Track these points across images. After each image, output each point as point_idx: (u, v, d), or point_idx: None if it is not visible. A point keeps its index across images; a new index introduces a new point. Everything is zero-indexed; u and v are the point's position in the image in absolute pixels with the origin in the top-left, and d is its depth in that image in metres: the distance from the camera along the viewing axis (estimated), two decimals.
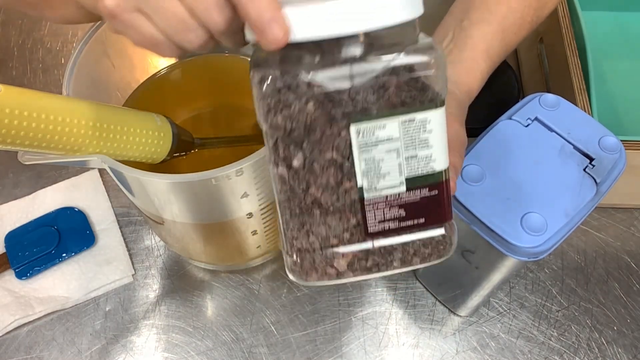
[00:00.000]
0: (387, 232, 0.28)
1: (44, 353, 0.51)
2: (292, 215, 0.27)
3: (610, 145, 0.41)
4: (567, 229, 0.38)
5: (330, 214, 0.27)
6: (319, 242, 0.28)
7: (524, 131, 0.42)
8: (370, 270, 0.28)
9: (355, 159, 0.26)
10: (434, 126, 0.26)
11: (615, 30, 0.70)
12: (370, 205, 0.27)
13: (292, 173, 0.26)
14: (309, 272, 0.28)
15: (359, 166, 0.26)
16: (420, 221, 0.28)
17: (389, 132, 0.26)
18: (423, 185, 0.27)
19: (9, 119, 0.30)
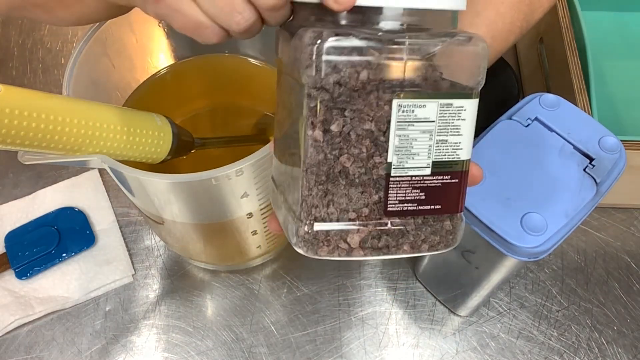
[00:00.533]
0: (405, 212, 0.28)
1: (44, 353, 0.51)
2: (317, 183, 0.27)
3: (610, 145, 0.41)
4: (567, 229, 0.38)
5: (354, 186, 0.27)
6: (337, 214, 0.27)
7: (524, 131, 0.42)
8: (381, 251, 0.28)
9: (391, 134, 0.26)
10: (468, 115, 0.27)
11: (615, 30, 0.70)
12: (395, 183, 0.27)
13: (327, 137, 0.26)
14: (321, 245, 0.28)
15: (393, 142, 0.26)
16: (436, 207, 0.28)
17: (427, 112, 0.26)
18: (446, 171, 0.28)
19: (9, 119, 0.30)
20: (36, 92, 0.32)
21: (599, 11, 0.70)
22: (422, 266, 0.54)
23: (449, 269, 0.49)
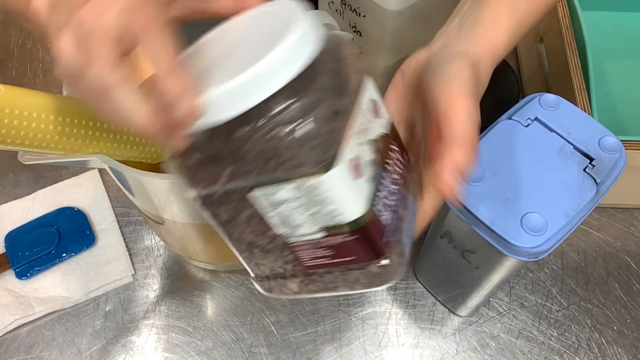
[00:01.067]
0: (322, 265, 0.29)
1: (44, 353, 0.51)
2: (239, 251, 0.30)
3: (610, 145, 0.41)
4: (567, 229, 0.38)
5: (268, 252, 0.29)
6: (268, 272, 0.31)
7: (524, 131, 0.42)
8: (322, 291, 0.30)
9: (265, 216, 0.27)
10: (328, 188, 0.25)
11: (615, 30, 0.70)
12: (297, 247, 0.28)
13: (224, 224, 0.29)
14: (270, 290, 0.32)
15: (273, 220, 0.27)
16: (351, 258, 0.28)
17: (286, 194, 0.25)
18: (340, 232, 0.26)
19: (9, 119, 0.30)
20: (36, 92, 0.32)
21: (599, 11, 0.70)
22: (422, 266, 0.54)
23: (449, 269, 0.49)
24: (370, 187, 0.27)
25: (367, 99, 0.27)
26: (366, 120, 0.27)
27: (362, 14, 0.50)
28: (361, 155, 0.26)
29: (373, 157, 0.27)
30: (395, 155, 0.29)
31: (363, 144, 0.26)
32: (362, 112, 0.26)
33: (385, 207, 0.28)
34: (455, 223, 0.42)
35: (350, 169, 0.25)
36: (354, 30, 0.53)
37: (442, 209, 0.43)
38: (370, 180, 0.27)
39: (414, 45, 0.53)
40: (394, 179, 0.29)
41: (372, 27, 0.51)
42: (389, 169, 0.28)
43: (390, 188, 0.28)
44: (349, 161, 0.25)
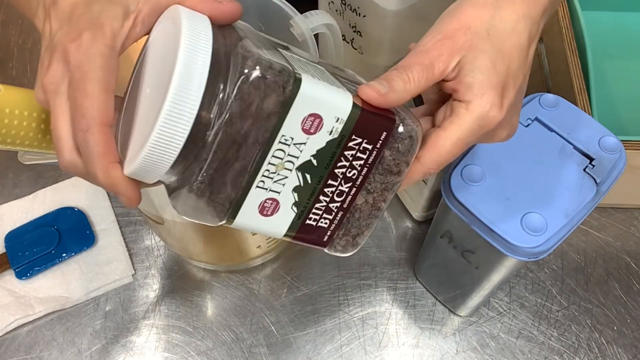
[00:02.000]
0: None
1: (44, 353, 0.51)
2: None
3: (610, 145, 0.41)
4: (567, 229, 0.38)
5: None
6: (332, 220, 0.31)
7: (524, 131, 0.42)
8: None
9: None
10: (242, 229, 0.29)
11: (615, 30, 0.70)
12: None
13: None
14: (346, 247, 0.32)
15: None
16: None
17: None
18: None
19: (9, 119, 0.30)
20: None
21: (599, 11, 0.70)
22: (422, 266, 0.54)
23: (449, 269, 0.49)
24: (295, 210, 0.29)
25: (294, 121, 0.26)
26: (291, 149, 0.27)
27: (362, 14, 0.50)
28: (274, 192, 0.28)
29: (298, 183, 0.28)
30: (352, 152, 0.28)
31: (280, 178, 0.27)
32: (282, 144, 0.26)
33: (325, 213, 0.29)
34: (455, 223, 0.42)
35: (258, 212, 0.28)
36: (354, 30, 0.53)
37: (442, 209, 0.43)
38: (295, 205, 0.28)
39: None
40: (347, 177, 0.29)
41: (372, 27, 0.51)
42: (337, 174, 0.28)
43: (338, 190, 0.29)
44: (254, 208, 0.27)
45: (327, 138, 0.27)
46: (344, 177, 0.28)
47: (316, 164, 0.27)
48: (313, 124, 0.26)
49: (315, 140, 0.27)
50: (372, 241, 0.58)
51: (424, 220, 0.58)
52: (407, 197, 0.58)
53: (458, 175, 0.40)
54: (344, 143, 0.27)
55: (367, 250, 0.57)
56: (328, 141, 0.27)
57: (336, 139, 0.27)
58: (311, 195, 0.28)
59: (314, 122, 0.26)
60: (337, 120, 0.27)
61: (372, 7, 0.48)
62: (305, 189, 0.28)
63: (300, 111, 0.26)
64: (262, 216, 0.28)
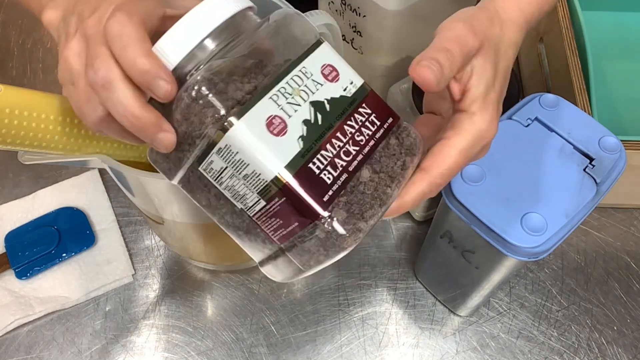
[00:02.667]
0: (284, 237, 0.29)
1: (44, 353, 0.51)
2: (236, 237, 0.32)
3: (610, 145, 0.41)
4: (567, 229, 0.38)
5: (248, 232, 0.30)
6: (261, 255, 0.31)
7: (524, 131, 0.42)
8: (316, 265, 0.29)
9: (221, 191, 0.29)
10: (238, 147, 0.26)
11: (615, 30, 0.70)
12: (257, 220, 0.29)
13: (208, 209, 0.31)
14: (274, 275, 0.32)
15: (227, 195, 0.29)
16: (295, 225, 0.28)
17: (217, 164, 0.27)
18: (273, 195, 0.27)
19: (9, 119, 0.30)
20: (36, 92, 0.32)
21: (599, 11, 0.70)
22: (422, 266, 0.54)
23: (449, 269, 0.49)
24: (301, 145, 0.27)
25: (315, 62, 0.29)
26: (309, 82, 0.28)
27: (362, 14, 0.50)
28: (285, 112, 0.27)
29: (309, 117, 0.28)
30: (361, 118, 0.30)
31: (294, 102, 0.28)
32: (302, 73, 0.28)
33: (329, 166, 0.28)
34: (455, 223, 0.42)
35: (265, 125, 0.26)
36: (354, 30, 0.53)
37: (442, 209, 0.43)
38: (301, 138, 0.27)
39: (414, 45, 0.54)
40: (355, 140, 0.29)
41: (372, 27, 0.51)
42: (346, 131, 0.29)
43: (345, 148, 0.28)
44: (261, 118, 0.26)
45: (342, 92, 0.29)
46: (352, 139, 0.29)
47: (329, 108, 0.29)
48: (331, 73, 0.29)
49: (331, 88, 0.29)
50: (372, 241, 0.58)
51: (424, 220, 0.59)
52: None
53: (458, 175, 0.40)
54: (355, 105, 0.30)
55: (367, 250, 0.57)
56: (342, 95, 0.29)
57: (349, 97, 0.30)
58: (319, 137, 0.28)
59: (331, 72, 0.29)
60: (351, 82, 0.30)
61: (372, 7, 0.48)
62: (315, 128, 0.28)
63: (321, 57, 0.29)
64: (268, 132, 0.26)
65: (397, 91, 0.51)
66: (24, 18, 0.76)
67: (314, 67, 0.29)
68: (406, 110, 0.50)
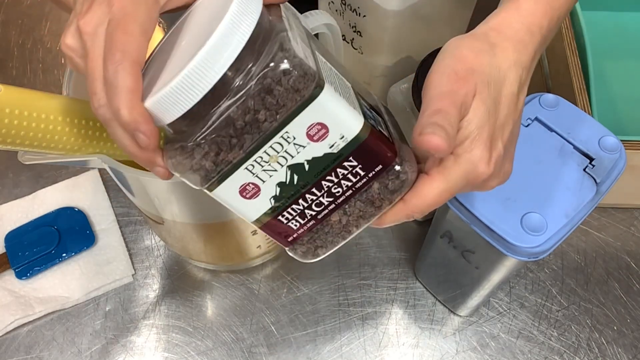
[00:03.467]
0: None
1: (44, 353, 0.51)
2: None
3: (610, 145, 0.41)
4: (567, 229, 0.38)
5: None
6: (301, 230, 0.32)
7: (524, 131, 0.42)
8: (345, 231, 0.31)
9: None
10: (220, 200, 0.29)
11: (615, 30, 0.70)
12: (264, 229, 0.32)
13: None
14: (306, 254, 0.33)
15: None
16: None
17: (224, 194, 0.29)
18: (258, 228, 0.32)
19: (9, 119, 0.30)
20: (36, 92, 0.32)
21: (599, 11, 0.70)
22: (422, 266, 0.54)
23: (449, 269, 0.49)
24: (272, 203, 0.29)
25: (303, 122, 0.26)
26: (290, 147, 0.27)
27: (362, 14, 0.50)
28: (259, 179, 0.28)
29: (284, 179, 0.28)
30: (343, 172, 0.29)
31: (270, 169, 0.28)
32: (283, 140, 0.27)
33: (298, 216, 0.30)
34: (455, 223, 0.42)
35: (238, 192, 0.29)
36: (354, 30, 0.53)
37: (442, 209, 0.43)
38: (273, 198, 0.29)
39: (414, 45, 0.54)
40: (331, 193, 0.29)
41: (372, 27, 0.51)
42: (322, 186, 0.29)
43: (317, 201, 0.30)
44: (235, 186, 0.28)
45: (326, 150, 0.28)
46: (328, 191, 0.29)
47: (307, 169, 0.28)
48: (318, 133, 0.27)
49: (315, 147, 0.27)
50: (372, 241, 0.58)
51: (424, 220, 0.58)
52: None
53: None
54: (340, 160, 0.28)
55: (367, 250, 0.57)
56: (326, 153, 0.28)
57: (334, 154, 0.28)
58: (292, 195, 0.29)
59: (319, 131, 0.27)
60: (341, 137, 0.27)
61: (372, 7, 0.48)
62: (289, 188, 0.29)
63: (310, 116, 0.26)
64: (241, 196, 0.29)
65: (397, 91, 0.51)
66: (24, 18, 0.76)
67: (299, 130, 0.27)
68: (406, 110, 0.50)
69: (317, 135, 0.27)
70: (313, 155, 0.28)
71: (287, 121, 0.26)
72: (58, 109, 0.32)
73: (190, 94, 0.25)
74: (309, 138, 0.27)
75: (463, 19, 0.58)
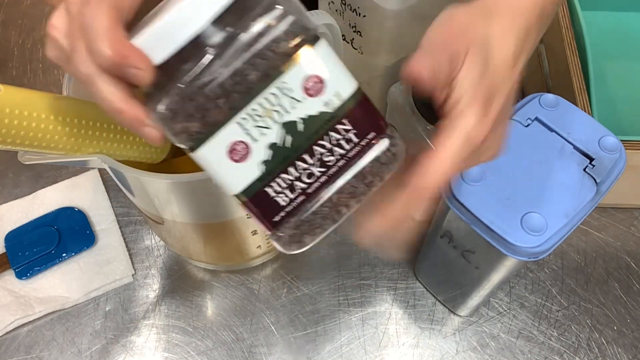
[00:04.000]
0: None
1: (44, 353, 0.51)
2: None
3: (610, 145, 0.41)
4: (567, 229, 0.38)
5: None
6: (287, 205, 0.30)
7: (524, 131, 0.42)
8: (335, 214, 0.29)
9: None
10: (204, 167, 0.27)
11: (615, 30, 0.70)
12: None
13: None
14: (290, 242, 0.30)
15: None
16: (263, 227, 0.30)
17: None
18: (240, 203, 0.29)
19: (9, 119, 0.30)
20: (36, 92, 0.32)
21: (599, 11, 0.70)
22: (422, 266, 0.54)
23: (449, 269, 0.49)
24: (262, 170, 0.27)
25: (299, 73, 0.26)
26: (285, 100, 0.26)
27: (362, 14, 0.50)
28: (251, 137, 0.26)
29: (277, 140, 0.27)
30: (337, 136, 0.27)
31: (263, 125, 0.26)
32: (279, 90, 0.26)
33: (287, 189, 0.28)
34: (455, 223, 0.42)
35: (227, 152, 0.26)
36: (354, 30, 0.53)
37: (442, 209, 0.43)
38: (264, 163, 0.27)
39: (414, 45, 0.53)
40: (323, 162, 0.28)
41: (372, 27, 0.51)
42: (315, 152, 0.27)
43: (309, 171, 0.28)
44: (224, 144, 0.26)
45: (321, 108, 0.27)
46: (320, 160, 0.28)
47: (302, 129, 0.27)
48: (315, 87, 0.26)
49: (310, 104, 0.27)
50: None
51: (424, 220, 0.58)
52: None
53: (458, 175, 0.40)
54: (334, 121, 0.27)
55: (367, 250, 0.57)
56: (321, 112, 0.27)
57: (329, 113, 0.27)
58: (283, 161, 0.27)
59: (316, 85, 0.26)
60: (336, 95, 0.27)
61: (372, 7, 0.48)
62: (281, 151, 0.27)
63: (307, 68, 0.26)
64: (229, 159, 0.27)
65: (397, 91, 0.51)
66: (24, 18, 0.76)
67: (296, 81, 0.26)
68: (406, 110, 0.50)
69: (313, 90, 0.26)
70: (308, 112, 0.27)
71: (283, 69, 0.25)
72: (58, 109, 0.32)
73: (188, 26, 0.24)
74: (305, 92, 0.26)
75: None
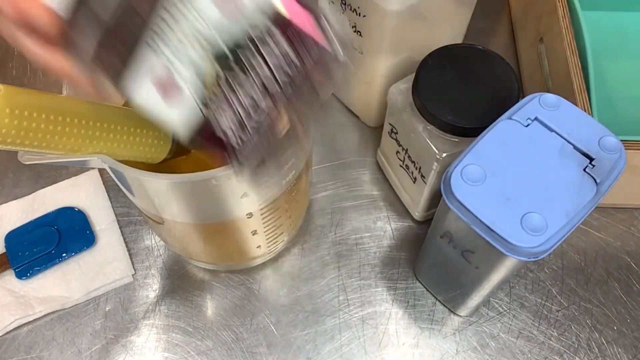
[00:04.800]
0: None
1: (44, 353, 0.51)
2: None
3: (610, 145, 0.41)
4: (567, 229, 0.38)
5: None
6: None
7: (524, 131, 0.42)
8: None
9: None
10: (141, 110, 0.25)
11: (615, 30, 0.70)
12: None
13: None
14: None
15: None
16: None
17: None
18: None
19: (9, 119, 0.30)
20: (36, 92, 0.32)
21: (599, 11, 0.70)
22: (422, 266, 0.54)
23: (449, 269, 0.49)
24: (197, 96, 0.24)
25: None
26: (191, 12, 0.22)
27: (362, 14, 0.50)
28: (170, 59, 0.23)
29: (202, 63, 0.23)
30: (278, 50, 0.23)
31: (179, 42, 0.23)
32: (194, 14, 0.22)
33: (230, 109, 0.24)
34: (455, 223, 0.42)
35: (155, 82, 0.23)
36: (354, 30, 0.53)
37: (442, 209, 0.43)
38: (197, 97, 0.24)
39: (414, 45, 0.54)
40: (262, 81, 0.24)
41: (372, 27, 0.51)
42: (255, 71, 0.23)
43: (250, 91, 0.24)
44: (147, 73, 0.23)
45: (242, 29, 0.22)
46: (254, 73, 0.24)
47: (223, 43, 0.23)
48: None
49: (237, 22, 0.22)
50: (372, 241, 0.58)
51: (424, 220, 0.59)
52: (407, 197, 0.58)
53: (458, 175, 0.40)
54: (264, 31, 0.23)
55: (367, 250, 0.57)
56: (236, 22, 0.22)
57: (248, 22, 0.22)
58: (216, 82, 0.24)
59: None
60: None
61: (372, 7, 0.48)
62: (208, 70, 0.23)
63: None
64: (160, 95, 0.24)
65: (397, 91, 0.51)
66: None
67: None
68: (406, 110, 0.50)
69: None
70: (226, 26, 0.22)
71: None
72: (58, 109, 0.32)
73: None
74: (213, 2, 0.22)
75: (463, 19, 0.58)
